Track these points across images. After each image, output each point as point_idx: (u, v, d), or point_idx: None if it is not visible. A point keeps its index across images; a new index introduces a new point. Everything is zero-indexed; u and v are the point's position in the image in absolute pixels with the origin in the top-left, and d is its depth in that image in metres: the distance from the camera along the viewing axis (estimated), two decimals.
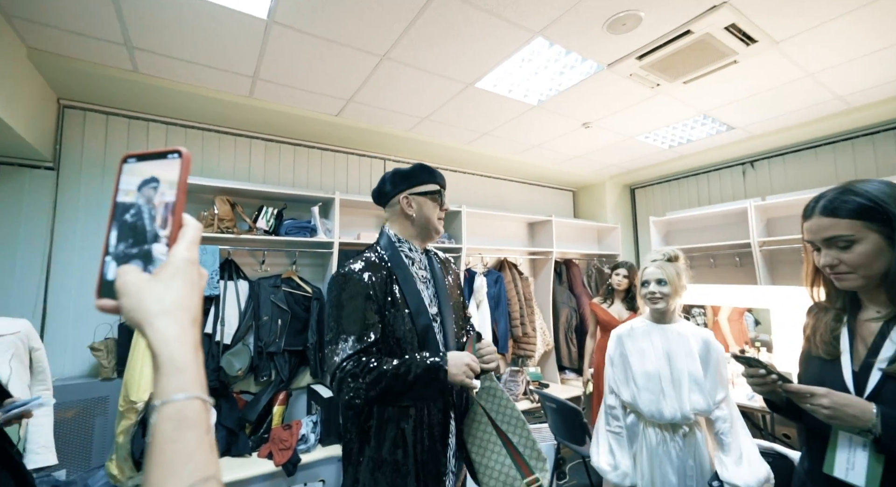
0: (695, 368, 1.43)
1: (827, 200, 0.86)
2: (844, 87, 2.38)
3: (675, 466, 1.41)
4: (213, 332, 2.26)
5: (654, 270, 1.52)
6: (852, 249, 0.83)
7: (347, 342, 1.02)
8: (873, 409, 0.77)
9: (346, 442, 1.14)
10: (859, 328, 0.89)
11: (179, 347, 0.36)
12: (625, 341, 1.58)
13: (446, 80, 2.27)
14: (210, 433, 0.35)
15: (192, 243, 0.41)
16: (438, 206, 1.24)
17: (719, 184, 3.74)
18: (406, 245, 1.22)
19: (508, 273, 3.53)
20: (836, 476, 0.82)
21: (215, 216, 2.34)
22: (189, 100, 2.37)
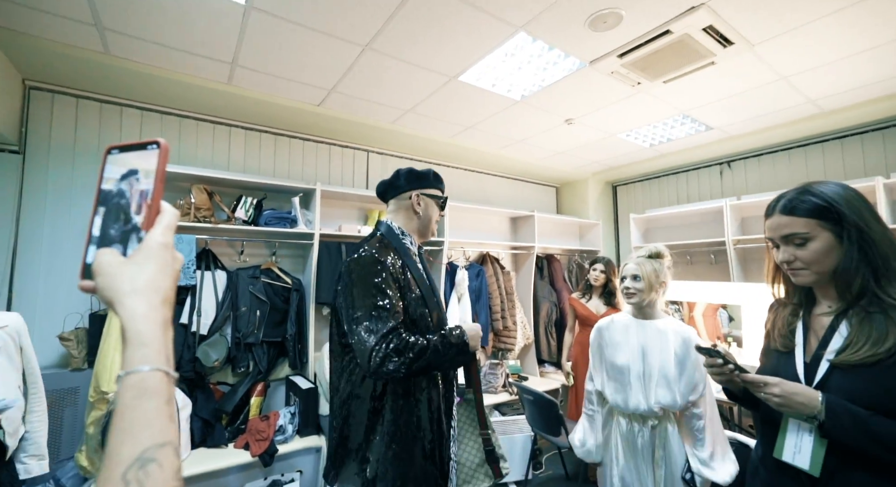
0: (667, 365, 1.46)
1: (787, 199, 0.90)
2: (816, 91, 2.46)
3: (643, 454, 1.47)
4: (189, 322, 2.22)
5: (631, 266, 1.58)
6: (807, 246, 0.87)
7: (384, 320, 1.08)
8: (819, 397, 0.82)
9: (344, 427, 1.17)
10: (812, 323, 0.93)
11: (146, 323, 0.38)
12: (604, 332, 1.65)
13: (430, 72, 2.26)
14: (171, 404, 0.37)
15: (167, 228, 0.43)
16: (440, 210, 1.39)
17: (697, 183, 3.83)
18: (408, 238, 1.32)
19: (490, 267, 3.56)
20: (785, 459, 0.87)
21: (192, 205, 2.29)
22: (165, 85, 2.31)
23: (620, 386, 1.52)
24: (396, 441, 1.13)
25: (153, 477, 0.32)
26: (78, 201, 2.29)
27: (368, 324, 1.07)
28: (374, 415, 1.14)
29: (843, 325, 0.86)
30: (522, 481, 2.75)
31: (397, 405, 1.15)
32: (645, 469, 1.46)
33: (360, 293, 1.10)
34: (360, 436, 1.14)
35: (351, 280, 1.13)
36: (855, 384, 0.80)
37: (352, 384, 1.18)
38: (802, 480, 0.85)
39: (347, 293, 1.13)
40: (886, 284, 0.81)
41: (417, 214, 1.31)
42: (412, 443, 1.15)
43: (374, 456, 1.12)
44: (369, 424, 1.14)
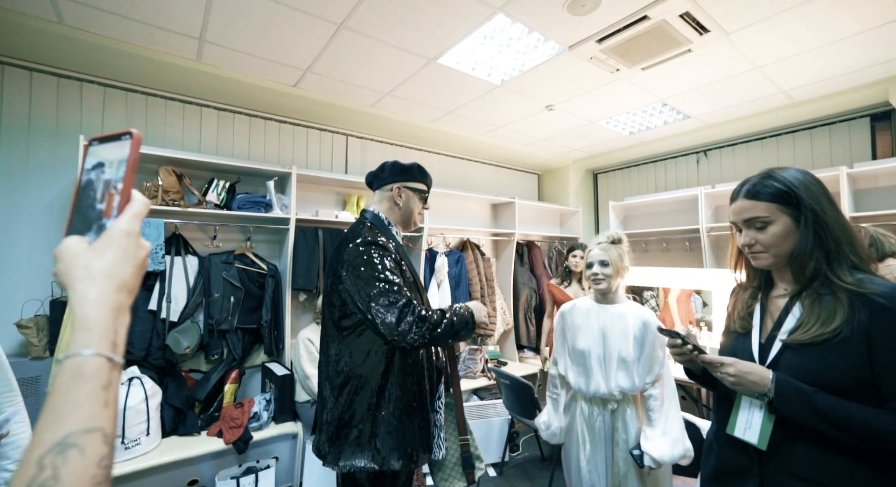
0: (626, 348, 1.49)
1: (750, 184, 0.93)
2: (788, 81, 2.50)
3: (604, 436, 1.51)
4: (158, 309, 2.16)
5: (597, 252, 1.59)
6: (766, 229, 0.89)
7: (399, 294, 1.17)
8: (770, 375, 0.85)
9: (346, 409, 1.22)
10: (769, 305, 0.96)
11: (94, 308, 0.38)
12: (566, 316, 1.67)
13: (408, 54, 2.20)
14: (109, 389, 0.36)
15: (133, 216, 0.43)
16: (422, 203, 1.44)
17: (675, 171, 3.89)
18: (394, 228, 1.38)
19: (470, 254, 3.56)
20: (736, 435, 0.91)
21: (159, 188, 2.21)
22: (128, 60, 2.19)
23: (582, 370, 1.55)
24: (405, 413, 1.23)
25: (71, 464, 0.31)
26: (33, 182, 2.17)
27: (385, 300, 1.15)
28: (381, 392, 1.21)
29: (797, 307, 0.89)
30: (499, 463, 2.80)
31: (406, 380, 1.24)
32: (604, 449, 1.49)
33: (370, 274, 1.17)
34: (367, 414, 1.20)
35: (358, 263, 1.19)
36: (803, 362, 0.83)
37: (352, 365, 1.22)
38: (751, 454, 0.89)
39: (356, 276, 1.19)
40: (837, 267, 0.84)
41: (398, 205, 1.38)
42: (419, 412, 1.26)
43: (382, 430, 1.20)
44: (376, 401, 1.20)
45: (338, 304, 1.24)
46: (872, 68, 2.35)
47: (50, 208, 2.19)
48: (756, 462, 0.88)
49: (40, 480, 0.30)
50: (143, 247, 0.44)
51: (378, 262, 1.20)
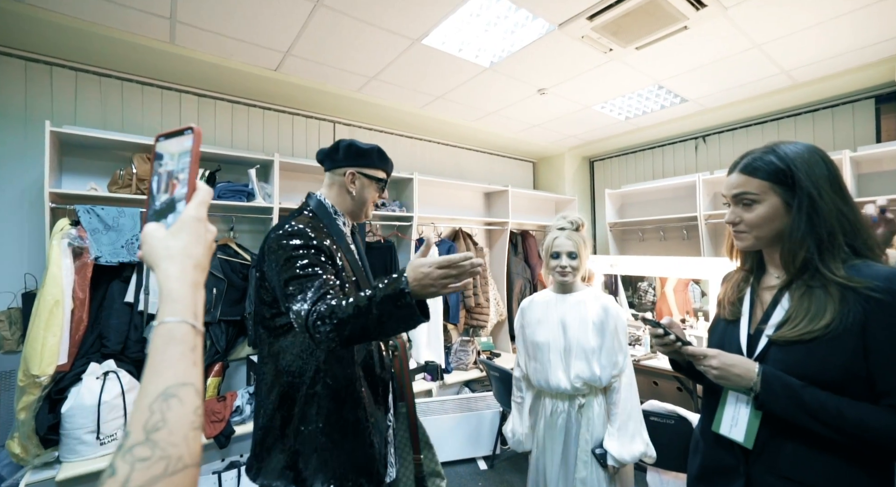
0: (585, 337, 1.39)
1: (750, 158, 0.85)
2: (789, 61, 2.40)
3: (567, 436, 1.39)
4: (136, 301, 2.10)
5: (564, 240, 1.44)
6: (752, 208, 0.82)
7: (313, 290, 0.95)
8: (755, 368, 0.78)
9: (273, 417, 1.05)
10: (760, 292, 0.89)
11: (178, 283, 0.44)
12: (525, 313, 1.56)
13: (390, 34, 2.10)
14: (195, 351, 0.41)
15: (200, 203, 0.49)
16: (378, 194, 1.25)
17: (673, 158, 3.79)
18: (341, 219, 1.20)
19: (463, 243, 3.49)
20: (721, 432, 0.84)
21: (133, 176, 2.13)
22: (99, 42, 2.09)
23: (541, 366, 1.44)
24: (336, 429, 1.03)
25: (174, 410, 0.37)
26: (3, 172, 2.09)
27: (300, 296, 0.95)
28: (308, 402, 1.04)
29: (786, 298, 0.82)
30: (490, 456, 2.76)
31: (337, 386, 1.05)
32: (562, 450, 1.38)
33: (288, 268, 0.99)
34: (292, 426, 1.04)
35: (278, 255, 1.02)
36: (791, 359, 0.77)
37: (280, 368, 1.07)
38: (736, 452, 0.83)
39: (276, 271, 1.01)
40: (830, 258, 0.77)
41: (350, 193, 1.19)
42: (354, 429, 1.05)
43: (307, 447, 1.02)
44: (301, 412, 1.03)
45: (268, 301, 1.09)
46: (878, 45, 2.24)
47: (21, 199, 2.11)
48: (742, 461, 0.81)
49: (153, 421, 0.35)
50: (210, 231, 0.49)
51: (299, 252, 1.01)
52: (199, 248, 0.47)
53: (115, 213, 2.06)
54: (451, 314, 3.27)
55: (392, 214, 3.13)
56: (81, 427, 1.75)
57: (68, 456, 1.74)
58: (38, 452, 1.71)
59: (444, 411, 2.74)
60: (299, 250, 1.01)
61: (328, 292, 0.95)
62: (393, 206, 3.19)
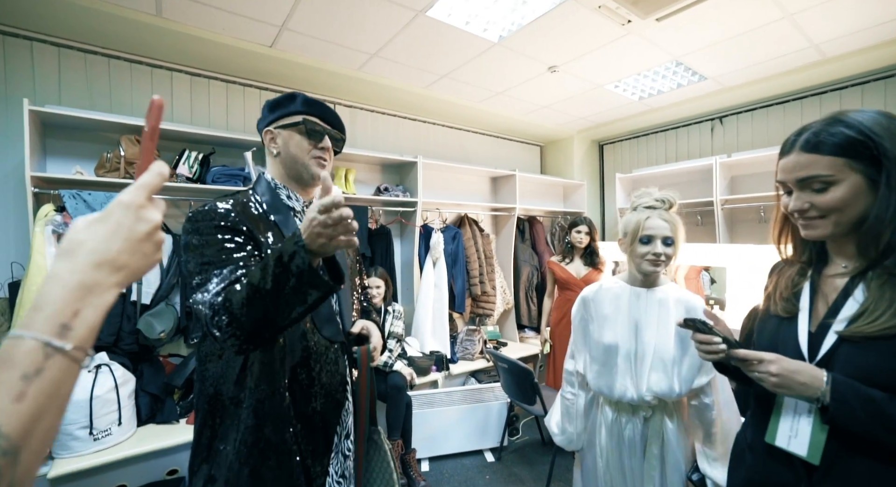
0: (665, 343, 1.17)
1: (811, 132, 0.71)
2: (821, 33, 2.23)
3: (633, 450, 1.22)
4: (128, 291, 2.01)
5: (660, 223, 1.17)
6: (828, 191, 0.69)
7: (217, 276, 0.78)
8: (823, 377, 0.68)
9: (202, 432, 0.89)
10: (822, 284, 0.77)
11: (57, 286, 0.34)
12: (589, 304, 1.34)
13: (392, 4, 1.95)
14: (34, 380, 0.31)
15: (139, 186, 0.41)
16: (309, 140, 0.96)
17: (687, 140, 3.63)
18: (284, 191, 0.98)
19: (468, 230, 3.38)
20: (778, 445, 0.74)
21: (121, 159, 2.01)
22: (82, 15, 1.95)
23: (605, 369, 1.24)
24: (256, 454, 0.83)
25: None
26: None
27: (203, 287, 0.78)
28: (230, 413, 0.85)
29: (860, 289, 0.70)
30: (498, 447, 2.70)
31: (259, 393, 0.84)
32: (634, 465, 1.22)
33: (199, 252, 0.82)
34: (205, 444, 0.87)
35: (185, 241, 0.85)
36: (868, 360, 0.65)
37: (205, 373, 0.90)
38: (796, 468, 0.72)
39: (185, 256, 0.84)
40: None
41: (275, 155, 0.97)
42: (279, 456, 0.85)
43: (221, 475, 0.84)
44: (222, 426, 0.86)
45: None
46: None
47: (4, 183, 2.00)
48: (804, 478, 0.71)
49: None
50: (144, 220, 0.40)
51: (211, 234, 0.83)
52: (114, 242, 0.37)
53: (104, 198, 1.95)
54: (456, 303, 3.18)
55: (395, 199, 3.02)
56: (73, 423, 1.67)
57: (60, 452, 1.67)
58: None
59: (450, 402, 2.66)
60: (206, 234, 0.83)
61: (234, 280, 0.77)
62: (396, 191, 3.07)
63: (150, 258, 0.41)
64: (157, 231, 0.41)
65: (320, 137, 0.97)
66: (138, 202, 0.40)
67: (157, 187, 0.41)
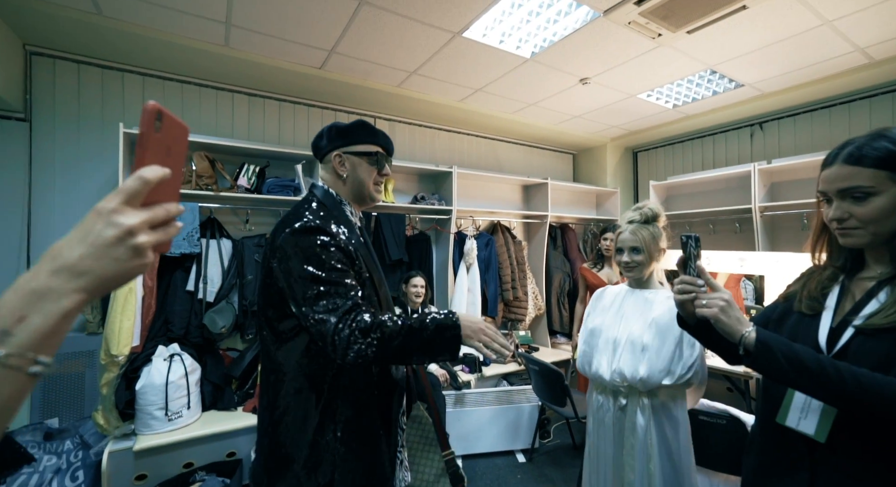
0: (639, 332, 1.32)
1: (854, 146, 0.77)
2: (865, 37, 2.19)
3: (611, 437, 1.34)
4: (196, 290, 2.26)
5: (627, 236, 1.39)
6: (867, 201, 0.74)
7: (342, 296, 0.91)
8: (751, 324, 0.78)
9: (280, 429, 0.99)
10: (853, 287, 0.82)
11: (8, 292, 0.34)
12: (594, 301, 1.55)
13: (432, 28, 2.11)
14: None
15: (117, 192, 0.38)
16: (376, 170, 1.11)
17: (725, 147, 3.57)
18: (348, 207, 1.10)
19: (501, 237, 3.48)
20: (788, 424, 0.80)
21: (193, 172, 2.28)
22: (163, 48, 2.25)
23: (588, 349, 1.43)
24: (357, 438, 0.99)
25: None
26: (85, 169, 2.31)
27: (326, 303, 0.89)
28: (326, 410, 0.98)
29: (884, 293, 0.75)
30: (529, 449, 2.76)
31: (357, 396, 0.99)
32: (612, 453, 1.34)
33: (307, 271, 0.91)
34: (307, 437, 0.97)
35: (294, 255, 0.93)
36: (880, 348, 0.71)
37: (287, 373, 0.99)
38: (800, 449, 0.78)
39: (289, 272, 0.93)
40: None
41: (342, 177, 1.09)
42: (374, 438, 1.02)
43: (328, 459, 0.96)
44: (319, 421, 0.97)
45: (275, 302, 0.98)
46: None
47: (98, 194, 2.32)
48: (806, 454, 0.78)
49: None
50: (113, 225, 0.37)
51: (320, 254, 0.93)
52: (77, 247, 0.36)
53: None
54: (489, 307, 3.28)
55: (431, 207, 3.17)
56: (152, 404, 1.92)
57: (142, 430, 1.92)
58: (117, 424, 1.89)
59: (483, 402, 2.76)
60: (320, 251, 0.93)
61: (358, 303, 0.92)
62: (432, 199, 3.22)
63: (125, 264, 0.37)
64: (129, 236, 0.38)
65: (385, 169, 1.13)
66: (110, 207, 0.37)
67: (137, 191, 0.38)
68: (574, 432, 2.95)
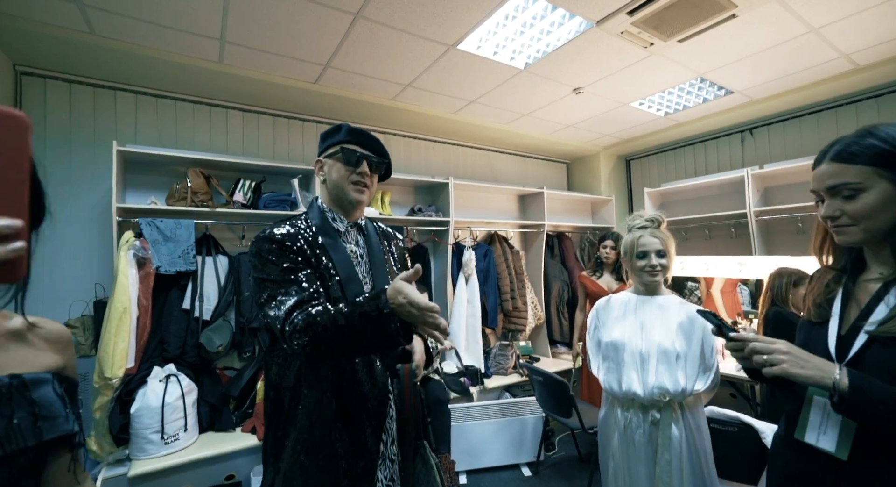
0: (669, 339, 1.29)
1: (841, 145, 0.77)
2: (850, 44, 2.24)
3: (644, 456, 1.27)
4: (192, 308, 2.21)
5: (651, 239, 1.37)
6: (857, 198, 0.74)
7: (289, 293, 0.92)
8: (836, 366, 0.71)
9: (267, 430, 1.03)
10: (857, 291, 0.81)
11: None
12: (600, 313, 1.50)
13: (426, 41, 2.13)
14: None
15: None
16: (347, 167, 1.05)
17: (717, 153, 3.62)
18: (330, 214, 1.09)
19: (499, 247, 3.47)
20: (807, 441, 0.78)
21: (188, 189, 2.25)
22: (156, 66, 2.24)
23: (614, 365, 1.35)
24: (307, 450, 0.94)
25: None
26: (75, 188, 2.27)
27: (275, 301, 0.92)
28: (289, 413, 0.98)
29: (892, 294, 0.74)
30: (534, 462, 2.71)
31: (311, 397, 0.96)
32: (643, 472, 1.28)
33: (261, 274, 0.96)
34: (275, 440, 0.99)
35: (252, 262, 1.00)
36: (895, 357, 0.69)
37: (273, 377, 1.03)
38: (823, 464, 0.76)
39: (252, 277, 1.00)
40: None
41: (325, 183, 1.09)
42: (327, 455, 0.94)
43: (283, 466, 0.96)
44: (284, 424, 0.98)
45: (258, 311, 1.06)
46: None
47: (91, 214, 2.28)
48: (830, 472, 0.75)
49: None
50: None
51: (267, 258, 0.96)
52: None
53: (173, 225, 2.18)
54: (489, 318, 3.25)
55: (428, 219, 3.16)
56: (148, 427, 1.85)
57: (137, 454, 1.85)
58: (111, 449, 1.83)
59: (485, 415, 2.72)
60: (267, 255, 0.97)
61: (305, 299, 0.92)
62: (429, 211, 3.21)
63: None
64: None
65: (358, 163, 1.05)
66: None
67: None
68: (579, 444, 2.90)
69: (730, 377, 2.39)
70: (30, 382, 0.54)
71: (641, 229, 1.40)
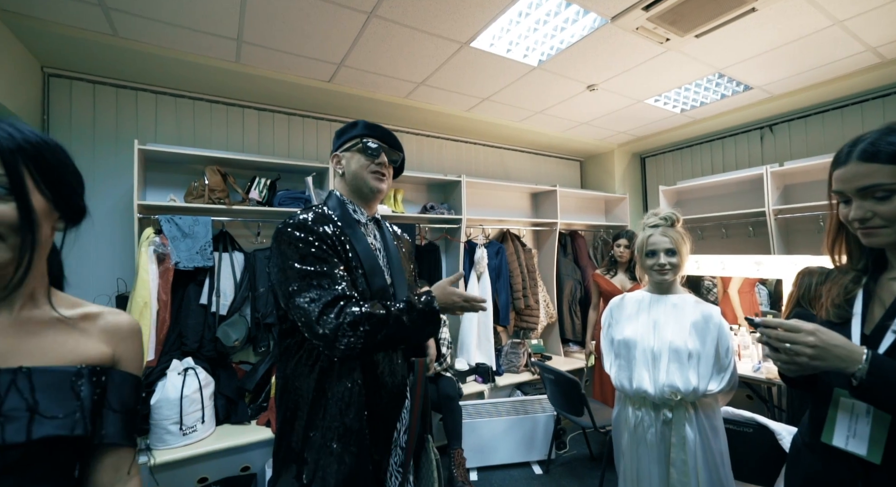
0: (681, 338, 1.28)
1: (867, 142, 0.74)
2: (877, 36, 2.17)
3: (656, 455, 1.26)
4: (209, 303, 2.26)
5: (661, 238, 1.36)
6: (891, 199, 0.71)
7: (326, 288, 0.92)
8: (864, 351, 0.69)
9: (284, 424, 1.02)
10: (879, 290, 0.79)
11: None
12: (613, 311, 1.50)
13: (439, 39, 2.13)
14: None
15: None
16: (367, 158, 1.09)
17: (734, 150, 3.54)
18: (351, 206, 1.11)
19: (511, 245, 3.46)
20: (836, 444, 0.76)
21: (206, 187, 2.30)
22: (175, 66, 2.29)
23: (625, 363, 1.35)
24: (338, 437, 0.96)
25: None
26: (98, 187, 2.34)
27: (309, 294, 0.90)
28: (315, 406, 0.98)
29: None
30: (545, 460, 2.71)
31: (341, 391, 0.98)
32: (655, 471, 1.26)
33: (293, 262, 0.93)
34: (300, 432, 0.98)
35: (280, 250, 0.96)
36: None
37: (290, 369, 1.02)
38: (853, 465, 0.74)
39: (278, 265, 0.95)
40: None
41: (342, 176, 1.11)
42: (356, 440, 0.97)
43: (311, 457, 0.96)
44: (309, 417, 0.98)
45: (277, 303, 1.02)
46: None
47: (113, 211, 2.35)
48: (861, 475, 0.73)
49: None
50: None
51: (303, 246, 0.94)
52: None
53: (191, 221, 2.23)
54: (500, 316, 3.25)
55: (440, 216, 3.17)
56: (167, 419, 1.91)
57: (157, 445, 1.91)
58: None
59: (496, 413, 2.72)
60: (301, 245, 0.94)
61: (345, 294, 0.92)
62: (441, 209, 3.22)
63: None
64: None
65: (377, 154, 1.09)
66: None
67: None
68: (591, 442, 2.89)
69: (747, 378, 2.35)
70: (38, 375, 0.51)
71: (653, 228, 1.39)
